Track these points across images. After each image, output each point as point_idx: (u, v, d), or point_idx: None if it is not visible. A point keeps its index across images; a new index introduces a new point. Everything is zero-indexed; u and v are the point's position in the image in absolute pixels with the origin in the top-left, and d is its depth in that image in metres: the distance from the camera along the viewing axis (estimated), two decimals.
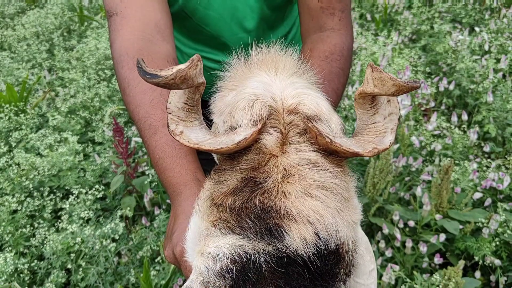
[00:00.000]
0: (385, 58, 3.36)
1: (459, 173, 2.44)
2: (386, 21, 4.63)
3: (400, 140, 2.57)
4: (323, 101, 0.77)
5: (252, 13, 1.23)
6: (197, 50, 1.35)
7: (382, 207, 2.33)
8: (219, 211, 0.70)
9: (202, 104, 0.81)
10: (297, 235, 0.65)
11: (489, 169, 2.50)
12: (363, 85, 0.72)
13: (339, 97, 1.12)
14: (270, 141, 0.71)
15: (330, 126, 0.74)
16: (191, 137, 0.73)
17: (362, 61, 3.42)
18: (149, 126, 0.94)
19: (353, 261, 0.71)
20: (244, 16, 1.23)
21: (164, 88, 0.70)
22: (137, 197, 2.53)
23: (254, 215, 0.66)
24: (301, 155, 0.70)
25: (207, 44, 1.31)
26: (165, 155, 0.91)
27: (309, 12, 1.19)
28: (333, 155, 0.72)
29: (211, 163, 0.84)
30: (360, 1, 5.01)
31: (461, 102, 3.34)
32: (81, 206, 2.35)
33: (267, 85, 0.77)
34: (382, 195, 2.31)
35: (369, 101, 0.77)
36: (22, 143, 2.98)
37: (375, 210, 2.24)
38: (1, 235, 2.32)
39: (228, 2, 1.20)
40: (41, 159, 2.64)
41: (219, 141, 0.71)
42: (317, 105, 0.75)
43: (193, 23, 1.24)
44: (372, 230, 2.36)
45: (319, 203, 0.67)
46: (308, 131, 0.72)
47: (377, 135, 0.75)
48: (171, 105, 0.76)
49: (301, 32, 1.26)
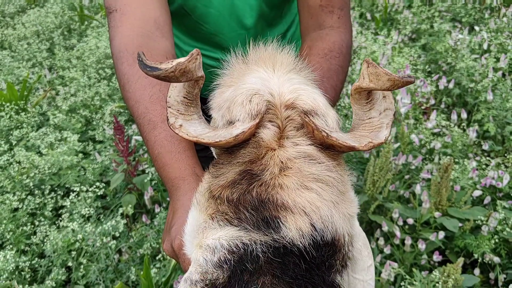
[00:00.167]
0: (385, 57, 3.36)
1: (458, 171, 2.44)
2: (386, 20, 4.63)
3: (400, 138, 2.58)
4: (320, 97, 0.78)
5: (251, 10, 1.24)
6: (196, 47, 1.35)
7: (381, 205, 2.34)
8: (217, 203, 0.71)
9: (201, 100, 0.82)
10: (293, 226, 0.66)
11: (488, 167, 2.50)
12: (359, 80, 0.73)
13: (338, 94, 1.13)
14: (267, 135, 0.72)
15: (326, 120, 0.75)
16: (190, 130, 0.73)
17: (362, 60, 3.43)
18: (148, 121, 0.95)
19: (349, 254, 0.72)
20: (243, 13, 1.24)
21: (164, 80, 0.71)
22: (137, 195, 2.54)
23: (251, 207, 0.67)
24: (298, 149, 0.71)
25: (206, 41, 1.32)
26: (164, 150, 0.92)
27: (309, 10, 1.20)
28: (329, 149, 0.73)
29: (210, 161, 0.85)
30: (360, 0, 5.01)
31: (460, 101, 3.34)
32: (81, 203, 2.36)
33: (265, 80, 0.78)
34: (381, 193, 2.32)
35: (365, 97, 0.78)
36: (22, 142, 2.99)
37: (374, 207, 2.25)
38: (2, 233, 2.33)
39: None
40: (40, 158, 2.65)
41: (217, 135, 0.72)
42: (314, 100, 0.76)
43: (192, 21, 1.25)
44: (371, 227, 2.37)
45: (315, 195, 0.68)
46: (305, 126, 0.73)
47: (372, 130, 0.76)
48: (171, 99, 0.77)
49: (301, 30, 1.26)
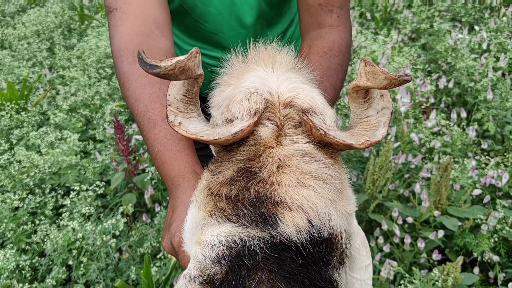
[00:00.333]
0: (385, 56, 3.37)
1: (458, 170, 2.45)
2: (386, 20, 4.63)
3: (399, 137, 2.58)
4: (318, 95, 0.79)
5: (250, 9, 1.25)
6: (195, 46, 1.36)
7: (381, 203, 2.34)
8: (215, 200, 0.72)
9: (201, 99, 0.83)
10: (290, 222, 0.67)
11: (488, 166, 2.51)
12: (357, 79, 0.74)
13: (337, 93, 1.14)
14: (266, 133, 0.73)
15: (324, 119, 0.75)
16: (189, 128, 0.74)
17: None
18: (148, 120, 0.95)
19: (346, 251, 0.73)
20: (242, 12, 1.24)
21: (163, 78, 0.71)
22: (137, 194, 2.55)
23: (249, 204, 0.68)
24: (295, 147, 0.71)
25: (206, 40, 1.33)
26: (164, 148, 0.92)
27: (308, 9, 1.20)
28: (327, 147, 0.74)
29: (210, 160, 0.85)
30: (360, 0, 5.01)
31: (460, 100, 3.34)
32: (82, 202, 2.37)
33: (263, 79, 0.78)
34: (381, 192, 2.33)
35: (363, 95, 0.78)
36: (23, 141, 3.00)
37: (374, 206, 2.26)
38: (3, 232, 2.34)
39: None
40: (40, 157, 2.66)
41: (216, 132, 0.72)
42: (312, 99, 0.76)
43: (192, 20, 1.26)
44: (371, 226, 2.38)
45: (313, 193, 0.69)
46: (303, 124, 0.74)
47: (370, 128, 0.76)
48: (170, 97, 0.78)
49: (300, 28, 1.27)
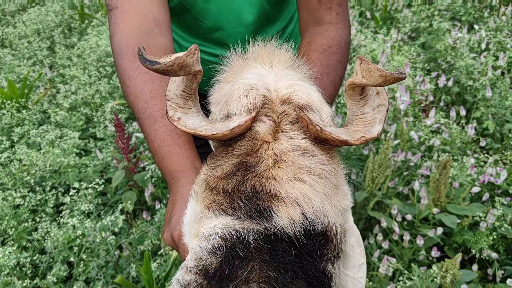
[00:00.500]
0: (385, 55, 3.38)
1: (457, 168, 2.45)
2: (385, 19, 4.63)
3: (399, 135, 2.59)
4: (315, 92, 0.80)
5: (250, 7, 1.25)
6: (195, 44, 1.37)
7: (380, 201, 2.35)
8: (213, 194, 0.73)
9: (201, 96, 0.84)
10: (285, 215, 0.68)
11: (486, 164, 2.51)
12: (353, 76, 0.75)
13: (337, 89, 1.15)
14: (263, 128, 0.74)
15: (321, 115, 0.77)
16: (188, 123, 0.76)
17: None
18: (149, 116, 0.97)
19: (341, 245, 0.74)
20: (242, 10, 1.25)
21: (163, 74, 0.73)
22: (137, 192, 2.56)
23: (245, 197, 0.70)
24: (292, 142, 0.73)
25: (205, 38, 1.33)
26: (164, 144, 0.94)
27: (307, 6, 1.21)
28: (323, 143, 0.75)
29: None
30: None
31: (459, 98, 3.35)
32: (82, 200, 2.38)
33: (262, 76, 0.80)
34: (381, 189, 2.34)
35: (359, 93, 0.80)
36: (24, 139, 3.01)
37: (373, 204, 2.27)
38: (4, 229, 2.35)
39: None
40: (40, 155, 2.67)
41: (214, 127, 0.74)
42: (309, 95, 0.78)
43: (191, 17, 1.27)
44: (370, 223, 2.39)
45: (308, 187, 0.70)
46: (300, 120, 0.75)
47: (366, 125, 0.78)
48: (170, 93, 0.79)
49: (300, 26, 1.28)
